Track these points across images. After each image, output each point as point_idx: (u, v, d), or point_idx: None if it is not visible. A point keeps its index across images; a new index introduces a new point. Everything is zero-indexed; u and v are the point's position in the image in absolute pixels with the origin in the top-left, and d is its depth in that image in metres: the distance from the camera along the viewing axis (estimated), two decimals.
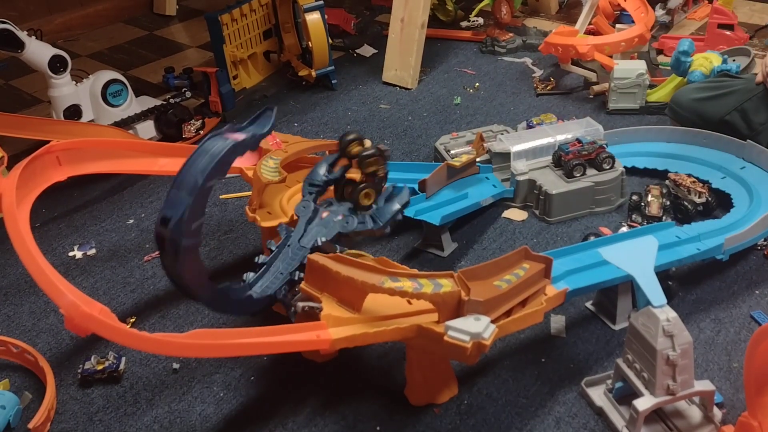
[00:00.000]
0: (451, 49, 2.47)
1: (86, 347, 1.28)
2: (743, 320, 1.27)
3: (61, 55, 1.80)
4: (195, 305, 1.37)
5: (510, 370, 1.20)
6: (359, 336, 0.98)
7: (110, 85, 1.88)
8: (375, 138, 1.93)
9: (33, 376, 1.24)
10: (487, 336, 0.95)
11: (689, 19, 2.55)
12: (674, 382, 1.00)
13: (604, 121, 1.87)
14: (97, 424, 1.14)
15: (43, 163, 1.15)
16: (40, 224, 1.65)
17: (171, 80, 2.25)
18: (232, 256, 1.50)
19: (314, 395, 1.17)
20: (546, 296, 1.08)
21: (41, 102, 2.28)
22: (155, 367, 1.23)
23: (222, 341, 0.90)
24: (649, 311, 1.02)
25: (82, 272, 1.49)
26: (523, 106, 2.04)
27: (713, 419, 1.06)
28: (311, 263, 1.03)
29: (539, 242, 1.49)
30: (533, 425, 1.10)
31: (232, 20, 2.15)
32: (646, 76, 1.91)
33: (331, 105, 2.15)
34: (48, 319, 1.36)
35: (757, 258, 1.41)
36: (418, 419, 1.11)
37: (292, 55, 2.31)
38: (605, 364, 1.20)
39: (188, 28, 2.93)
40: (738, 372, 1.16)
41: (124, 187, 1.78)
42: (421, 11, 2.13)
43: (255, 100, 2.21)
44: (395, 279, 0.99)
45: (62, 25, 2.84)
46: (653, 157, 1.66)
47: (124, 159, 1.31)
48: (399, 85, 2.22)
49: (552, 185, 1.53)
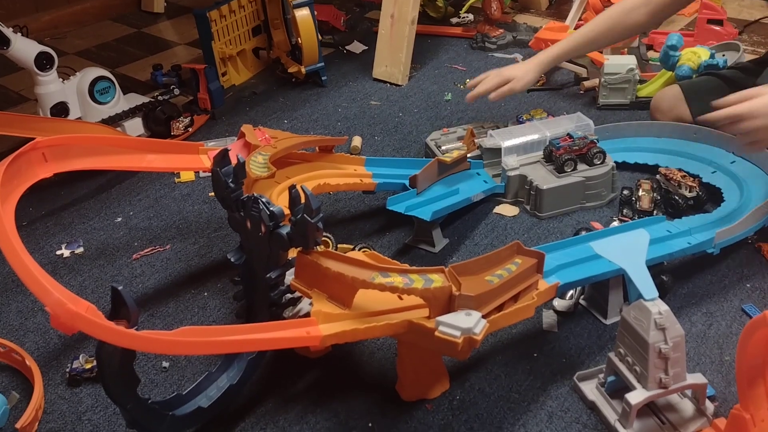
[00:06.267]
0: (441, 45, 2.47)
1: (74, 346, 1.27)
2: (735, 313, 1.27)
3: (48, 52, 1.78)
4: (185, 303, 1.36)
5: (502, 365, 1.19)
6: (350, 332, 0.97)
7: (98, 82, 1.87)
8: (366, 134, 1.92)
9: (20, 376, 1.22)
10: (478, 331, 0.94)
11: (679, 15, 2.55)
12: (666, 375, 1.00)
13: (595, 117, 1.87)
14: (85, 424, 1.12)
15: (28, 159, 1.13)
16: (27, 223, 1.63)
17: (159, 77, 2.24)
18: (221, 253, 1.49)
19: (305, 392, 1.16)
20: (537, 291, 1.08)
21: (28, 100, 2.26)
22: (144, 366, 1.22)
23: (211, 338, 0.89)
24: (640, 304, 1.02)
25: (70, 271, 1.47)
26: (514, 102, 2.04)
27: (705, 412, 1.06)
28: (301, 259, 1.02)
29: (530, 237, 1.49)
30: (525, 420, 1.09)
31: (221, 17, 2.14)
32: (636, 71, 1.91)
33: (321, 102, 2.14)
34: (35, 318, 1.35)
35: (747, 251, 1.41)
36: (410, 415, 1.11)
37: (282, 52, 2.30)
38: (597, 358, 1.19)
39: (176, 25, 2.91)
40: (730, 365, 1.16)
41: (112, 185, 1.76)
42: (411, 7, 2.13)
43: (244, 97, 2.20)
44: (386, 274, 0.98)
45: (49, 23, 2.82)
46: (644, 152, 1.66)
47: (112, 155, 1.30)
48: (389, 81, 2.22)
49: (543, 180, 1.52)
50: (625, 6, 1.54)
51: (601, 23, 1.55)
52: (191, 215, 1.63)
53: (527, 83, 1.60)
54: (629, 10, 1.52)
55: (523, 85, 1.59)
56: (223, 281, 1.40)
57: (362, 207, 1.63)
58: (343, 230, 1.54)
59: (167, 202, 1.69)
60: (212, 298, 1.37)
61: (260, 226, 1.02)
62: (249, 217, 1.04)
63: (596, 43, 1.59)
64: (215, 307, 1.35)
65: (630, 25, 1.52)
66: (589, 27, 1.57)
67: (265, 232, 1.01)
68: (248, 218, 1.05)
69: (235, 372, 1.09)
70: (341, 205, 1.64)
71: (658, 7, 1.50)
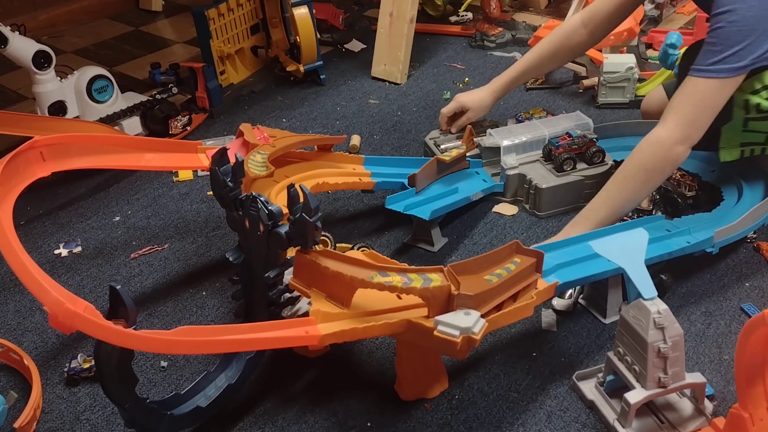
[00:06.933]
0: (440, 43, 2.47)
1: (72, 345, 1.26)
2: (734, 312, 1.27)
3: (45, 51, 1.77)
4: (183, 303, 1.36)
5: (501, 364, 1.19)
6: (348, 331, 0.97)
7: (95, 80, 1.86)
8: (364, 133, 1.92)
9: (18, 375, 1.22)
10: (477, 330, 0.94)
11: (678, 14, 2.55)
12: (665, 374, 1.00)
13: (594, 115, 1.87)
14: (83, 423, 1.12)
15: (26, 158, 1.13)
16: (25, 222, 1.62)
17: (157, 76, 2.23)
18: (220, 253, 1.49)
19: (304, 391, 1.16)
20: (536, 290, 1.07)
21: (26, 99, 2.25)
22: (143, 365, 1.21)
23: (209, 338, 0.89)
24: (640, 304, 1.02)
25: (68, 270, 1.47)
26: (513, 101, 2.03)
27: (704, 411, 1.06)
28: (300, 258, 1.01)
29: (529, 236, 1.49)
30: (525, 419, 1.09)
31: (219, 15, 2.13)
32: (636, 70, 1.91)
33: (320, 100, 2.14)
34: (33, 317, 1.34)
35: (746, 251, 1.41)
36: (409, 414, 1.11)
37: (280, 51, 2.30)
38: (596, 357, 1.19)
39: (174, 23, 2.90)
40: (729, 364, 1.16)
41: (110, 184, 1.76)
42: (410, 6, 2.12)
43: (242, 95, 2.20)
44: (384, 274, 0.98)
45: (47, 21, 2.81)
46: None
47: (110, 154, 1.29)
48: (388, 80, 2.21)
49: (542, 179, 1.52)
50: (566, 29, 1.59)
51: (546, 48, 1.61)
52: (189, 214, 1.63)
53: (483, 113, 1.69)
54: (570, 33, 1.58)
55: (478, 115, 1.69)
56: (221, 280, 1.40)
57: (361, 206, 1.63)
58: (341, 229, 1.54)
59: (165, 201, 1.68)
60: (211, 298, 1.37)
61: (259, 225, 1.02)
62: (247, 216, 1.04)
63: (543, 67, 1.67)
64: (214, 307, 1.35)
65: (573, 46, 1.59)
66: (535, 52, 1.63)
67: (264, 231, 1.01)
68: (247, 217, 1.04)
69: (233, 371, 1.09)
70: (340, 204, 1.64)
71: (597, 28, 1.55)
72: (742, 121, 1.33)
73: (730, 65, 1.20)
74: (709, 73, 1.21)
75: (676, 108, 1.26)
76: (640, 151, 1.29)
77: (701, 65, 1.23)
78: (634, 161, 1.29)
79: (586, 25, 1.55)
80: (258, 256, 1.06)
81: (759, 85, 1.28)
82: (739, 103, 1.30)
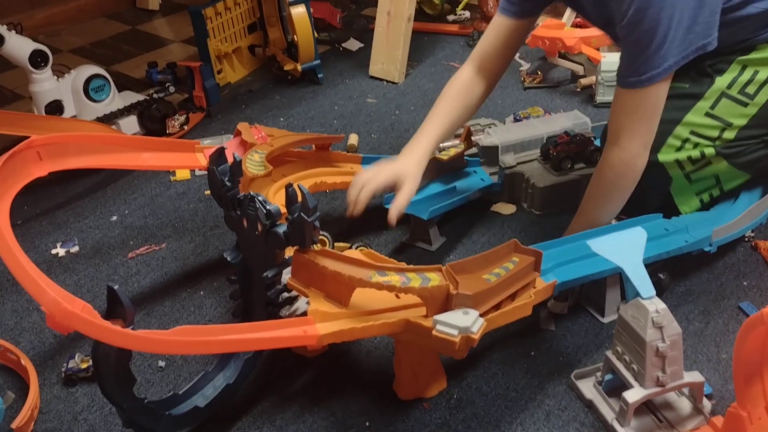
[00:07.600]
0: (438, 42, 2.47)
1: (70, 346, 1.26)
2: (732, 311, 1.27)
3: (42, 50, 1.77)
4: (181, 302, 1.36)
5: (499, 363, 1.19)
6: (347, 331, 0.97)
7: (92, 80, 1.86)
8: (362, 132, 1.92)
9: (16, 376, 1.22)
10: (476, 330, 0.94)
11: None
12: (664, 373, 1.00)
13: (592, 114, 1.87)
14: (81, 423, 1.12)
15: (23, 158, 1.12)
16: (22, 222, 1.62)
17: (154, 75, 2.22)
18: (217, 252, 1.49)
19: (302, 391, 1.16)
20: (535, 289, 1.07)
21: (22, 98, 2.24)
22: (140, 365, 1.21)
23: (207, 338, 0.89)
24: (638, 303, 1.02)
25: (66, 270, 1.46)
26: (511, 100, 2.03)
27: (703, 410, 1.06)
28: (298, 258, 1.01)
29: (528, 235, 1.49)
30: (523, 418, 1.09)
31: (216, 14, 2.13)
32: None
33: (318, 99, 2.13)
34: (31, 317, 1.34)
35: (744, 249, 1.41)
36: (408, 414, 1.11)
37: (278, 49, 2.30)
38: (594, 356, 1.19)
39: (172, 22, 2.90)
40: (727, 363, 1.16)
41: (107, 184, 1.75)
42: (408, 4, 2.12)
43: (240, 94, 2.19)
44: (383, 273, 0.98)
45: (43, 20, 2.80)
46: None
47: (107, 154, 1.29)
48: (386, 79, 2.21)
49: (540, 178, 1.52)
50: (463, 84, 1.45)
51: (455, 106, 1.44)
52: (187, 214, 1.63)
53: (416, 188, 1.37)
54: (469, 86, 1.45)
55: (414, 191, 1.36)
56: (219, 280, 1.40)
57: None
58: (340, 229, 1.53)
59: (163, 201, 1.68)
60: (208, 297, 1.37)
61: (257, 225, 1.02)
62: (245, 215, 1.04)
63: (457, 124, 1.47)
64: (211, 306, 1.35)
65: (477, 97, 1.45)
66: (446, 112, 1.45)
67: (262, 230, 1.01)
68: (245, 217, 1.04)
69: (231, 371, 1.09)
70: (338, 204, 1.63)
71: (491, 72, 1.44)
72: (684, 178, 1.32)
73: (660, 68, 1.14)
74: (641, 83, 1.16)
75: (624, 127, 1.21)
76: (603, 175, 1.26)
77: (633, 77, 1.16)
78: (605, 184, 1.27)
79: (479, 72, 1.43)
80: (256, 255, 1.06)
81: (678, 142, 1.27)
82: (671, 165, 1.29)
